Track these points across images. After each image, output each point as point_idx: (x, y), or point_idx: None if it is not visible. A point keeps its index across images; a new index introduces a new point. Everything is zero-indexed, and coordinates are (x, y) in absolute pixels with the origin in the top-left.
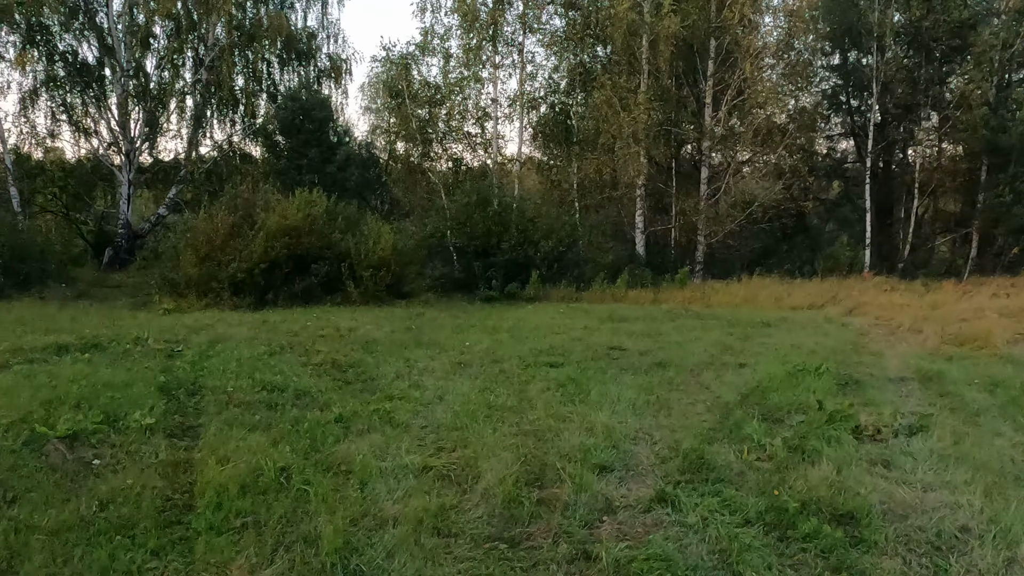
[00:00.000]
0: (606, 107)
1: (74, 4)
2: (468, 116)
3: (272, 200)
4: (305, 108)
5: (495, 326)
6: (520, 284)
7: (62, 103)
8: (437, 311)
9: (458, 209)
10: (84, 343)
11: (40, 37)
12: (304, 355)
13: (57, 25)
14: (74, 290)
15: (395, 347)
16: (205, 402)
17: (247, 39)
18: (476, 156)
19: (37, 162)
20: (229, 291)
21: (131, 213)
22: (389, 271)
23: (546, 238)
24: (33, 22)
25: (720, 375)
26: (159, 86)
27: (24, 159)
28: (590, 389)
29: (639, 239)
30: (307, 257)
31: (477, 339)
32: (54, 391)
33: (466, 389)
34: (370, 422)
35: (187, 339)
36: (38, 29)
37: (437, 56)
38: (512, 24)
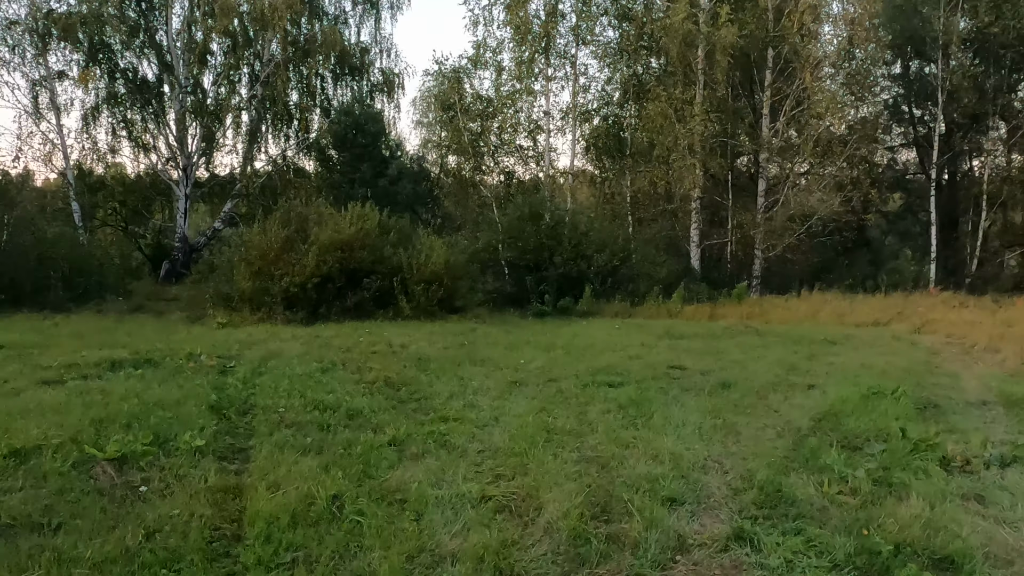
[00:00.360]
0: (661, 119)
1: (135, 22)
2: (520, 129)
3: (325, 214)
4: (358, 122)
5: (549, 342)
6: (573, 299)
7: (122, 119)
8: (489, 326)
9: (510, 223)
10: (138, 358)
11: (102, 55)
12: (356, 372)
13: (118, 43)
14: (131, 303)
15: (448, 364)
16: (256, 422)
17: (301, 55)
18: (528, 169)
19: (98, 177)
20: (282, 305)
21: (188, 227)
22: (441, 286)
23: (599, 252)
24: (95, 40)
25: (788, 397)
26: (216, 102)
27: (86, 174)
28: (652, 412)
29: (694, 253)
30: (359, 271)
31: (532, 356)
32: (105, 409)
33: (523, 410)
34: (425, 445)
35: (240, 355)
36: (100, 47)
37: (489, 69)
38: (565, 36)
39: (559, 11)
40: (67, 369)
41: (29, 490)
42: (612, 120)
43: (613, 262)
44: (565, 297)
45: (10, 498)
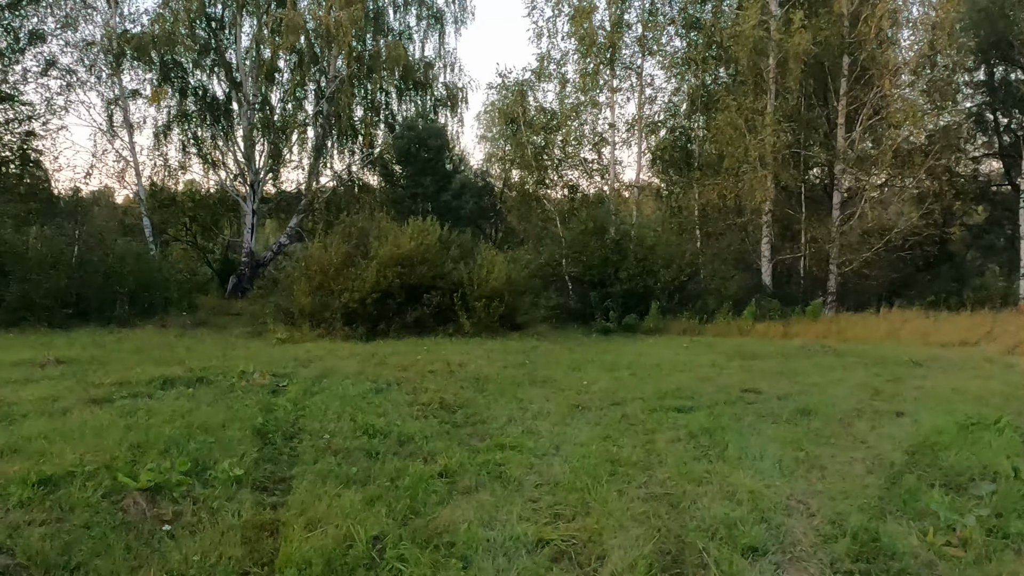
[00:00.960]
0: (731, 129)
1: (205, 42)
2: (584, 142)
3: (385, 228)
4: (421, 137)
5: (614, 362)
6: (639, 316)
7: (192, 136)
8: (552, 344)
9: (574, 237)
10: (191, 376)
11: (174, 74)
12: (411, 393)
13: (189, 62)
14: (195, 318)
15: (507, 385)
16: (302, 448)
17: (366, 70)
18: (592, 183)
19: (169, 193)
20: (341, 321)
21: (254, 242)
22: (502, 302)
23: (666, 267)
24: (167, 60)
25: (875, 426)
26: (283, 118)
27: (157, 191)
28: (727, 441)
29: (765, 268)
30: (420, 287)
31: (595, 377)
32: (146, 433)
33: (585, 438)
34: (478, 477)
35: (294, 373)
36: (172, 66)
37: (553, 82)
38: (630, 47)
39: (625, 21)
40: (118, 387)
41: (52, 524)
42: (679, 132)
43: (680, 278)
44: (631, 314)
45: (30, 533)
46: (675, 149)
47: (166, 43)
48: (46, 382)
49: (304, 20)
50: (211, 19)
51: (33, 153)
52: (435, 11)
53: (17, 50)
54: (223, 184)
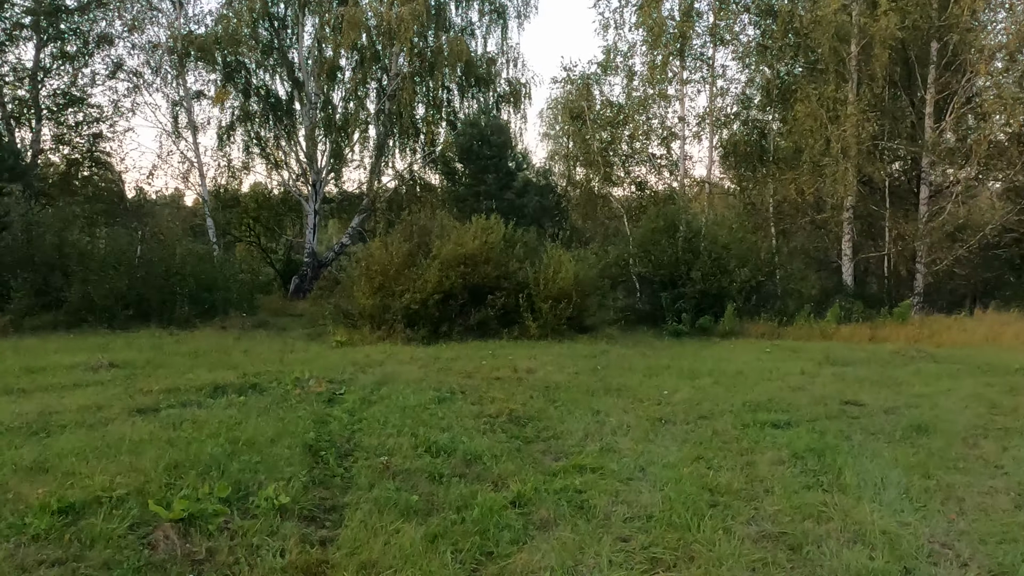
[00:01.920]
0: (810, 120)
1: (268, 41)
2: (653, 136)
3: (448, 227)
4: (483, 134)
5: (693, 368)
6: (713, 317)
7: (255, 137)
8: (623, 348)
9: (643, 235)
10: (243, 383)
11: (237, 75)
12: (477, 403)
13: (252, 63)
14: (254, 319)
15: (580, 394)
16: (357, 469)
17: (428, 67)
18: (661, 179)
19: (232, 194)
20: (403, 323)
21: (316, 242)
22: (570, 303)
23: (741, 266)
24: (230, 60)
25: (1006, 446)
26: (344, 117)
27: (220, 191)
28: (839, 465)
29: (846, 267)
30: (483, 287)
31: (675, 385)
32: (187, 450)
33: (674, 458)
34: (557, 507)
35: (352, 379)
36: (235, 67)
37: (620, 75)
38: (701, 36)
39: (695, 10)
40: (167, 395)
41: (70, 563)
42: (753, 125)
43: (758, 277)
44: (704, 315)
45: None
46: (749, 143)
47: (229, 44)
48: (94, 388)
49: (365, 16)
50: (274, 18)
51: (101, 155)
52: (498, 5)
53: (86, 53)
54: (285, 184)
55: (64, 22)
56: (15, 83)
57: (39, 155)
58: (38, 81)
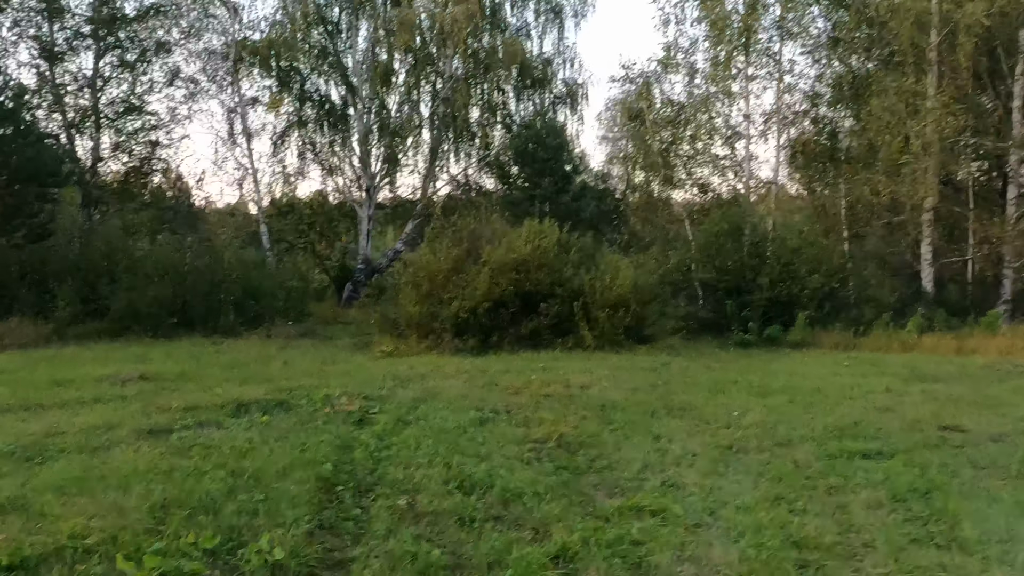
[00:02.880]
0: (888, 115)
1: (322, 46)
2: (716, 136)
3: (499, 231)
4: (539, 135)
5: (763, 384)
6: (783, 327)
7: (309, 142)
8: (685, 359)
9: (706, 239)
10: (271, 400)
11: (291, 80)
12: (522, 425)
13: (307, 68)
14: (301, 328)
15: (639, 414)
16: (375, 510)
17: (483, 69)
18: (725, 180)
19: (287, 200)
20: (451, 332)
21: (370, 248)
22: (628, 311)
23: (813, 272)
24: (284, 66)
25: None
26: (398, 121)
27: (274, 198)
28: (950, 510)
29: (926, 273)
30: (536, 295)
31: (744, 403)
32: (183, 485)
33: (749, 498)
34: (609, 566)
35: (389, 395)
36: (290, 73)
37: (681, 72)
38: (768, 30)
39: (761, 3)
40: (185, 413)
41: None
42: (823, 123)
43: (831, 284)
44: (773, 324)
45: None
46: (818, 142)
47: (284, 49)
48: (113, 404)
49: (418, 18)
50: (327, 23)
51: (159, 162)
52: (554, 5)
53: (144, 61)
54: (340, 190)
55: (123, 31)
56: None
57: (98, 163)
58: (98, 89)
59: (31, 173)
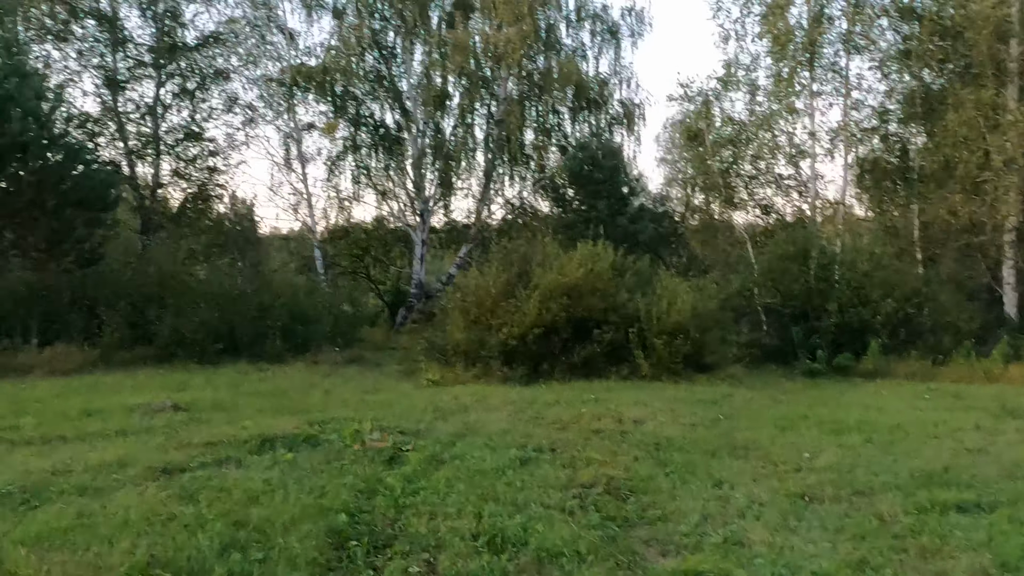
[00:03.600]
0: (965, 130)
1: (376, 70)
2: (779, 155)
3: (551, 254)
4: (594, 157)
5: (835, 418)
6: (854, 355)
7: (363, 167)
8: (748, 390)
9: (769, 262)
10: (300, 435)
11: (346, 105)
12: (568, 466)
13: (361, 92)
14: (349, 354)
15: (698, 454)
16: (389, 571)
17: (537, 90)
18: (789, 201)
19: (341, 225)
20: (499, 360)
21: (424, 273)
22: (687, 338)
23: (886, 297)
24: (340, 91)
25: None
26: (452, 145)
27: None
28: None
29: (1009, 297)
30: (589, 321)
31: (816, 442)
32: (177, 537)
33: (828, 563)
34: None
35: (428, 429)
36: (345, 97)
37: (742, 90)
38: (833, 44)
39: (826, 15)
40: (206, 449)
41: None
42: (893, 140)
43: (906, 309)
44: (843, 352)
45: None
46: (889, 160)
47: (338, 74)
48: (136, 437)
49: (472, 39)
50: (382, 47)
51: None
52: (610, 25)
53: (204, 89)
54: (394, 214)
55: (183, 59)
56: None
57: (158, 189)
58: (158, 117)
59: (80, 198)
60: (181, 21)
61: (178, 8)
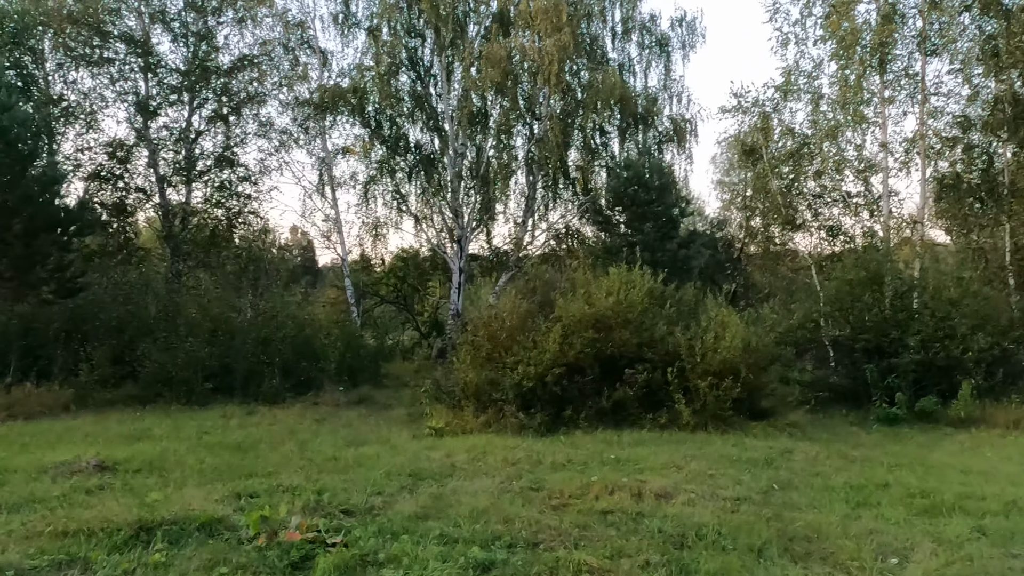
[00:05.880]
0: None
1: (410, 90)
2: (847, 170)
3: (579, 280)
4: (639, 176)
5: (927, 490)
6: (940, 398)
7: (397, 192)
8: (812, 444)
9: (837, 289)
10: (195, 520)
11: (380, 127)
12: (550, 571)
13: (396, 113)
14: (356, 394)
15: (737, 554)
16: None
17: (579, 107)
18: (859, 221)
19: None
20: (515, 404)
21: (462, 303)
22: (738, 379)
23: (977, 330)
24: (372, 112)
25: None
26: (490, 167)
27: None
28: None
29: None
30: (620, 359)
31: (903, 532)
32: None
33: None
34: None
35: (385, 505)
36: (379, 120)
37: (803, 99)
38: (907, 45)
39: (898, 13)
40: (59, 541)
41: None
42: (977, 151)
43: (1003, 344)
44: (926, 395)
45: None
46: (972, 175)
47: (372, 95)
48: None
49: (508, 52)
50: (416, 64)
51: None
52: (659, 37)
53: (236, 114)
54: (430, 241)
55: (215, 83)
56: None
57: (189, 216)
58: (190, 143)
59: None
60: (214, 44)
61: (210, 31)
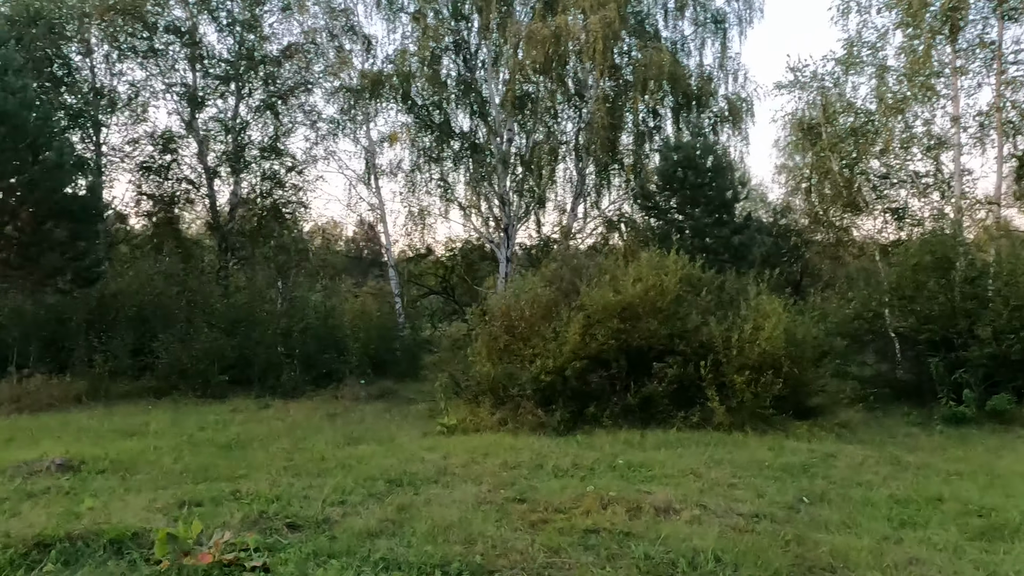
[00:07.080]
0: None
1: (455, 75)
2: (915, 147)
3: (606, 266)
4: (690, 157)
5: (989, 506)
6: (1015, 396)
7: (443, 180)
8: (861, 447)
9: (901, 276)
10: (104, 535)
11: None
12: None
13: (441, 99)
14: (378, 388)
15: None
16: None
17: (629, 87)
18: (928, 202)
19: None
20: (533, 400)
21: None
22: (779, 374)
23: None
24: (416, 98)
25: None
26: (537, 153)
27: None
28: None
29: None
30: (648, 351)
31: (952, 564)
32: None
33: None
34: None
35: (342, 517)
36: (422, 105)
37: (866, 73)
38: (981, 10)
39: None
40: None
41: None
42: None
43: None
44: (999, 393)
45: None
46: None
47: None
48: None
49: (552, 31)
50: (460, 48)
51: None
52: (714, 13)
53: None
54: (477, 229)
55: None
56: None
57: (236, 207)
58: (238, 133)
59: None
60: (260, 33)
61: (256, 20)
